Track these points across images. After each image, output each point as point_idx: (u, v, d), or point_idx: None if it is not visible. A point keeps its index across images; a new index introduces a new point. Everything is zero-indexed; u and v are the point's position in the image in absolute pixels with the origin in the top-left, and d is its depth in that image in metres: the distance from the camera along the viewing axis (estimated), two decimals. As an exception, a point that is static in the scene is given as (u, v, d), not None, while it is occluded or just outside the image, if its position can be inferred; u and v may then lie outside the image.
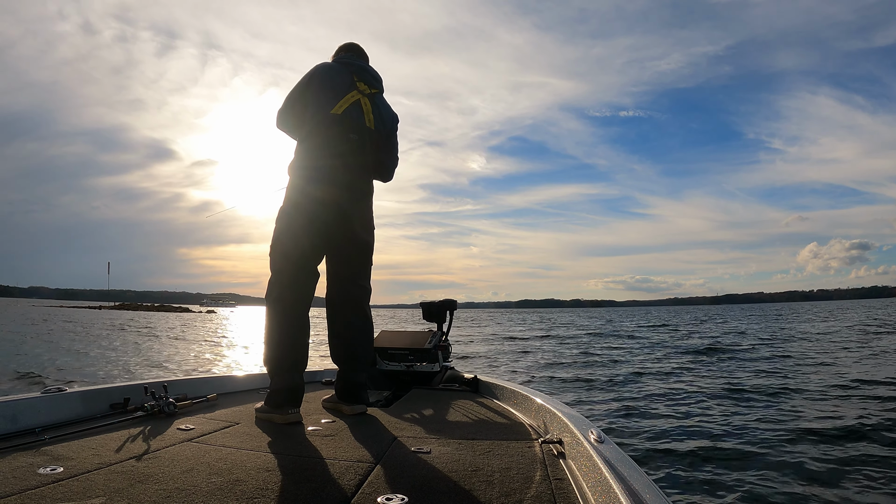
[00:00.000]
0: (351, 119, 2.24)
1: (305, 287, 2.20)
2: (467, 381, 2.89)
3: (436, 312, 3.26)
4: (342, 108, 2.23)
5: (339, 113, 2.22)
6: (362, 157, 2.29)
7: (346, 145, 2.22)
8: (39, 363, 11.63)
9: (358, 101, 2.29)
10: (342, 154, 2.22)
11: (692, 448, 4.93)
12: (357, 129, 2.25)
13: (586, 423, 1.55)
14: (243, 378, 2.78)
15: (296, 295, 2.17)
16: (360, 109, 2.29)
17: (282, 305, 2.15)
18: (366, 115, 2.30)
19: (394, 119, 2.46)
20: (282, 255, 2.18)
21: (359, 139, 2.26)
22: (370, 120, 2.31)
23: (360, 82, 2.32)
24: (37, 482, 1.22)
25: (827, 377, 9.17)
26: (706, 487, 3.93)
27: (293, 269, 2.17)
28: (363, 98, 2.31)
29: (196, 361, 13.39)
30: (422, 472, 1.41)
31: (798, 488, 3.86)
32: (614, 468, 1.14)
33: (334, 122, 2.21)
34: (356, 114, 2.27)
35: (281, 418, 2.01)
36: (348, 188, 2.25)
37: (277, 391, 2.06)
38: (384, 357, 3.12)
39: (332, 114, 2.21)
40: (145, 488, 1.21)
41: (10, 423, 1.65)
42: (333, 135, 2.21)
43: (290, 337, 2.13)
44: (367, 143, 2.30)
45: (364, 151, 2.29)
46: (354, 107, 2.27)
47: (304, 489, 1.25)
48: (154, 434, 1.72)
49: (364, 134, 2.28)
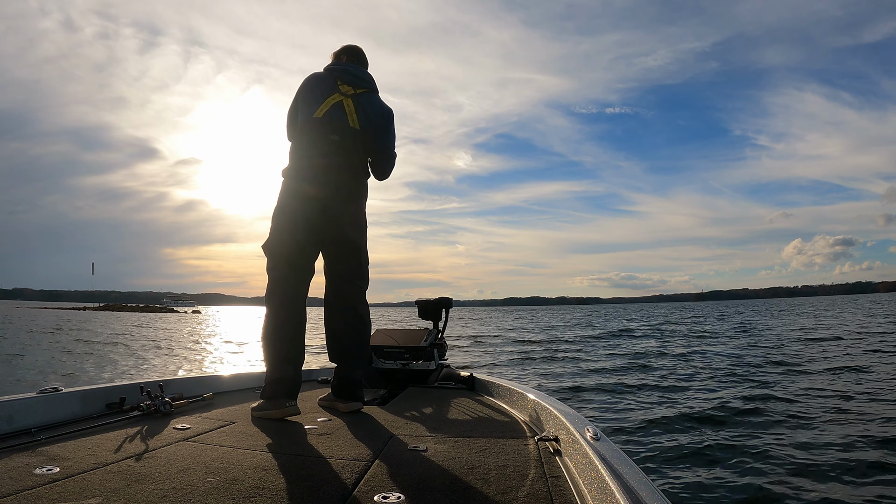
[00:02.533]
0: (331, 120, 2.27)
1: (296, 284, 2.25)
2: (463, 378, 2.88)
3: (431, 311, 3.26)
4: (322, 111, 2.27)
5: (319, 116, 2.27)
6: (346, 157, 2.30)
7: (329, 146, 2.26)
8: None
9: (339, 102, 2.31)
10: (325, 154, 2.26)
11: (690, 445, 4.89)
12: (339, 130, 2.28)
13: (582, 421, 1.54)
14: (239, 377, 2.76)
15: (286, 290, 2.22)
16: (343, 110, 2.31)
17: (275, 301, 2.20)
18: (349, 115, 2.31)
19: (384, 116, 2.43)
20: (271, 253, 2.25)
21: (340, 139, 2.27)
22: (353, 120, 2.31)
23: (342, 84, 2.34)
24: (33, 483, 1.20)
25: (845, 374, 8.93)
26: (704, 485, 3.90)
27: (283, 267, 2.23)
28: (346, 99, 2.32)
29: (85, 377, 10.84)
30: (418, 470, 1.40)
31: (797, 485, 3.83)
32: (611, 465, 1.13)
33: (315, 125, 2.26)
34: (337, 115, 2.29)
35: (278, 412, 2.02)
36: (334, 187, 2.27)
37: (272, 381, 2.08)
38: (380, 355, 3.10)
39: (314, 118, 2.27)
40: (142, 488, 1.20)
41: (5, 424, 1.63)
42: (315, 137, 2.26)
43: (283, 331, 2.16)
44: (352, 142, 2.30)
45: (349, 151, 2.30)
46: (335, 108, 2.29)
47: (301, 488, 1.24)
48: (150, 434, 1.70)
49: (347, 134, 2.29)
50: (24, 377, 10.55)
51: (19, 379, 10.37)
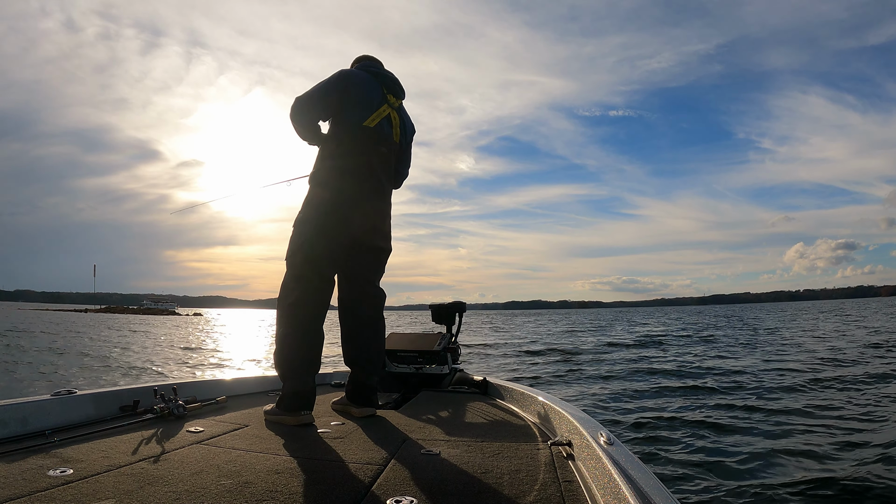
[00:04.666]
0: (382, 132, 2.23)
1: (325, 294, 2.18)
2: (477, 383, 2.84)
3: (445, 315, 3.23)
4: (375, 122, 2.21)
5: (372, 126, 2.20)
6: (388, 170, 2.30)
7: (378, 158, 2.22)
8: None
9: (389, 115, 2.27)
10: (372, 166, 2.21)
11: (704, 450, 4.71)
12: (386, 144, 2.25)
13: (596, 425, 1.52)
14: (253, 380, 2.75)
15: (317, 300, 2.14)
16: (390, 123, 2.28)
17: (303, 310, 2.11)
18: (394, 129, 2.30)
19: (413, 131, 2.47)
20: (306, 261, 2.13)
21: (388, 153, 2.26)
22: (396, 134, 2.31)
23: (389, 94, 2.30)
24: (46, 484, 1.20)
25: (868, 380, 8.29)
26: (718, 491, 3.76)
27: (316, 276, 2.14)
28: (392, 112, 2.29)
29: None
30: (431, 474, 1.39)
31: (815, 491, 3.66)
32: (624, 470, 1.11)
33: (367, 134, 2.19)
34: (387, 128, 2.26)
35: (293, 420, 1.98)
36: (377, 199, 2.25)
37: (291, 394, 2.01)
38: (393, 359, 3.07)
39: (366, 126, 2.18)
40: (155, 490, 1.19)
41: (20, 426, 1.63)
42: (365, 148, 2.19)
43: (307, 342, 2.09)
44: (393, 156, 2.31)
45: (390, 164, 2.30)
46: (386, 121, 2.26)
47: (313, 491, 1.23)
48: (164, 436, 1.70)
49: (392, 148, 2.29)
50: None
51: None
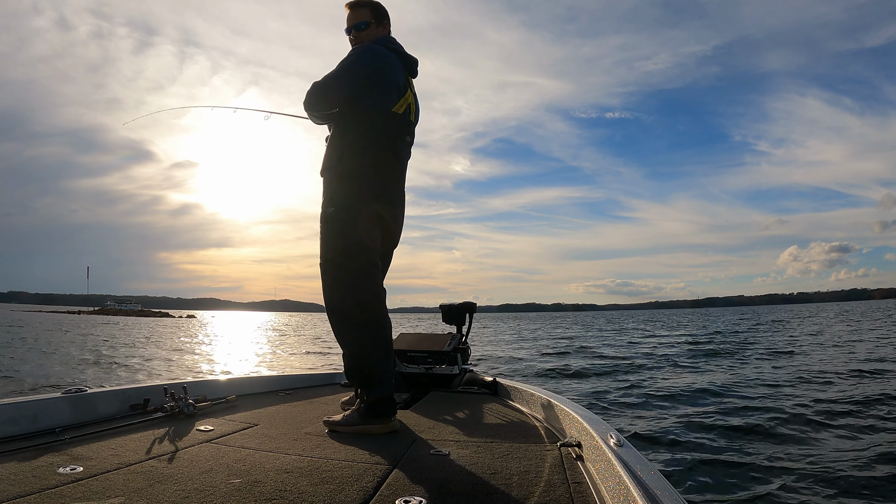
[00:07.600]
0: (407, 119, 2.07)
1: (384, 294, 2.01)
2: (487, 383, 2.81)
3: (455, 315, 3.18)
4: (402, 108, 2.03)
5: (399, 112, 2.02)
6: (408, 160, 2.13)
7: (404, 148, 2.07)
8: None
9: (410, 102, 2.10)
10: (400, 157, 2.05)
11: (714, 452, 4.59)
12: (410, 131, 2.10)
13: (605, 427, 1.50)
14: (263, 379, 2.73)
15: (383, 303, 1.97)
16: (411, 109, 2.10)
17: (374, 313, 1.93)
18: (412, 113, 2.12)
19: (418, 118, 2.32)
20: (361, 257, 1.92)
21: (411, 140, 2.11)
22: (414, 118, 2.15)
23: (410, 77, 2.12)
24: (56, 482, 1.20)
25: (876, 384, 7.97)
26: (729, 493, 3.67)
27: (377, 275, 1.98)
28: (411, 95, 2.12)
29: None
30: (440, 474, 1.37)
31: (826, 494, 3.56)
32: (633, 472, 1.09)
33: (395, 121, 2.00)
34: (410, 115, 2.09)
35: (384, 428, 1.84)
36: (402, 192, 2.11)
37: (381, 401, 1.86)
38: (403, 359, 3.03)
39: (394, 112, 2.00)
40: (164, 489, 1.19)
41: (30, 423, 1.62)
42: (395, 137, 2.01)
43: (387, 352, 1.96)
44: (412, 142, 2.14)
45: (409, 154, 2.13)
46: (409, 108, 2.09)
47: (322, 490, 1.21)
48: (173, 435, 1.69)
49: (412, 135, 2.13)
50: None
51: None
